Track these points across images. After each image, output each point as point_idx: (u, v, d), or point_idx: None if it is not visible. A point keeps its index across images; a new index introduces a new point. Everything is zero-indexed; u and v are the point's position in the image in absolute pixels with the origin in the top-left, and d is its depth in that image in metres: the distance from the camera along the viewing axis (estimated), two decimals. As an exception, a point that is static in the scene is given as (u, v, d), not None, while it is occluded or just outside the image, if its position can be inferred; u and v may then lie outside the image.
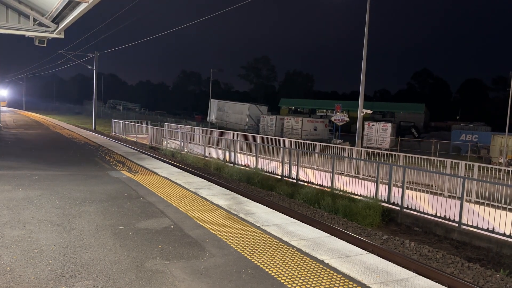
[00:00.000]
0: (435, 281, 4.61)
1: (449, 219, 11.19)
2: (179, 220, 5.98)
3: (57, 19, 11.84)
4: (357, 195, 13.60)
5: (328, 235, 5.81)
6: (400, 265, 5.12)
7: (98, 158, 12.54)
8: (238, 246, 4.99)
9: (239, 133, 25.27)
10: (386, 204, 12.65)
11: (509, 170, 13.92)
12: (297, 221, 6.52)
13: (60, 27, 11.97)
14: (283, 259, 4.62)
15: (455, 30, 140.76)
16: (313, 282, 4.05)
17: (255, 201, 7.87)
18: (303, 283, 4.02)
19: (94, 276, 3.94)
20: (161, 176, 9.83)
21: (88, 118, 49.53)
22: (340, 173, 16.09)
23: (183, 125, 32.95)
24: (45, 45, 12.39)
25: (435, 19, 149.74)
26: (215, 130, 27.54)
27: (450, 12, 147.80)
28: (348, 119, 33.56)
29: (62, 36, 12.38)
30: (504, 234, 9.96)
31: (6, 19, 11.51)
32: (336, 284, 4.03)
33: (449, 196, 12.57)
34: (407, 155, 15.75)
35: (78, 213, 6.13)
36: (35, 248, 4.57)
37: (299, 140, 22.24)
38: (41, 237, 4.96)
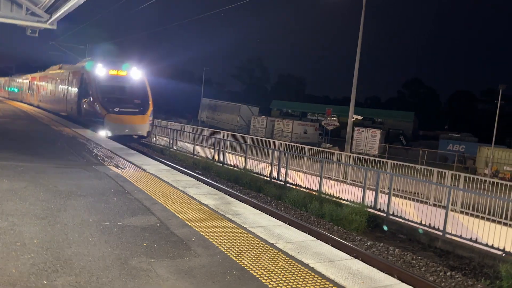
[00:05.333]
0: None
1: (433, 228, 11.31)
2: (165, 218, 5.94)
3: (50, 10, 11.72)
4: (344, 200, 13.67)
5: (314, 238, 5.83)
6: (384, 272, 5.15)
7: (86, 152, 12.40)
8: (224, 246, 4.97)
9: (229, 133, 25.25)
10: (372, 210, 12.74)
11: (493, 182, 14.14)
12: (284, 223, 6.53)
13: (53, 18, 11.84)
14: (268, 262, 4.61)
15: (447, 41, 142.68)
16: (298, 285, 4.05)
17: (242, 202, 7.87)
18: (288, 286, 4.02)
19: (77, 271, 3.89)
20: (149, 173, 9.76)
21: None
22: (328, 177, 16.16)
23: (173, 122, 32.81)
24: (37, 35, 12.23)
25: (429, 29, 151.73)
26: (205, 128, 27.49)
27: (443, 23, 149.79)
28: (338, 124, 33.73)
29: (54, 27, 12.25)
30: (486, 245, 10.10)
31: (-2, 7, 11.36)
32: (320, 289, 4.04)
33: (434, 205, 12.72)
34: (395, 162, 15.92)
35: (63, 207, 6.05)
36: (18, 241, 4.49)
37: (288, 143, 22.30)
38: (24, 230, 4.88)
